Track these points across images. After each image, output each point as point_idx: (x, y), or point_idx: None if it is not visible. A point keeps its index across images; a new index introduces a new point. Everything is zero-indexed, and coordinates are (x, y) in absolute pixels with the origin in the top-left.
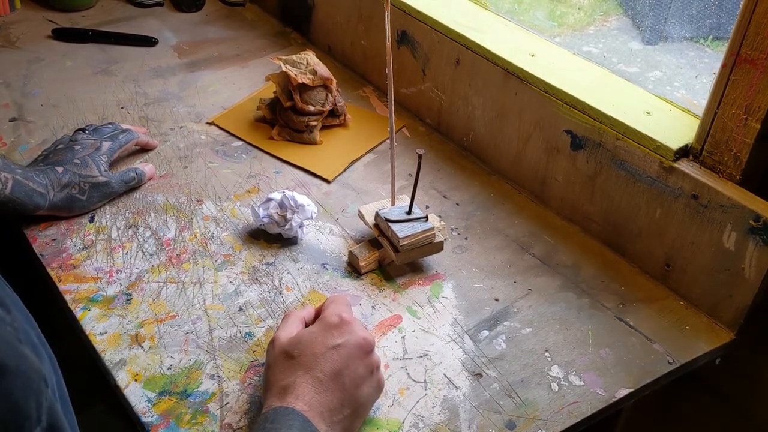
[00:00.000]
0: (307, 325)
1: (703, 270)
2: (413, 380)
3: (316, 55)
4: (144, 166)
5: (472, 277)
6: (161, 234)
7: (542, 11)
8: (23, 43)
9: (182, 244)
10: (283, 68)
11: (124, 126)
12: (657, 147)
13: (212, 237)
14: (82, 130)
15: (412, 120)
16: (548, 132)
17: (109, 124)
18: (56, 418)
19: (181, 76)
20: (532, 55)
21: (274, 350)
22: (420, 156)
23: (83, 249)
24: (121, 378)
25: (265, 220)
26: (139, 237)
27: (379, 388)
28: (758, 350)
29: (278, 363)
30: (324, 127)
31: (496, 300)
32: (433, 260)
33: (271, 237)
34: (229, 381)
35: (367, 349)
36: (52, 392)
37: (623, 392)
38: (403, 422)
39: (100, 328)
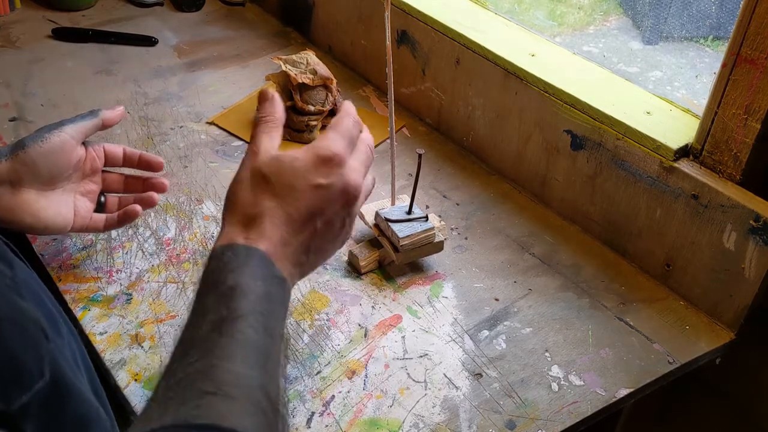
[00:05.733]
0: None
1: (703, 270)
2: (413, 380)
3: (316, 55)
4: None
5: (472, 277)
6: (161, 234)
7: (542, 11)
8: (23, 43)
9: (182, 243)
10: (283, 68)
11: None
12: (657, 147)
13: (212, 237)
14: None
15: (412, 120)
16: (548, 132)
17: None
18: (62, 376)
19: (181, 76)
20: (532, 55)
21: (252, 164)
22: (420, 156)
23: (83, 249)
24: (121, 378)
25: None
26: (139, 237)
27: (344, 240)
28: (758, 350)
29: (252, 182)
30: (324, 127)
31: (496, 300)
32: (433, 260)
33: None
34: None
35: (350, 198)
36: (70, 360)
37: (623, 392)
38: (403, 422)
39: (100, 328)
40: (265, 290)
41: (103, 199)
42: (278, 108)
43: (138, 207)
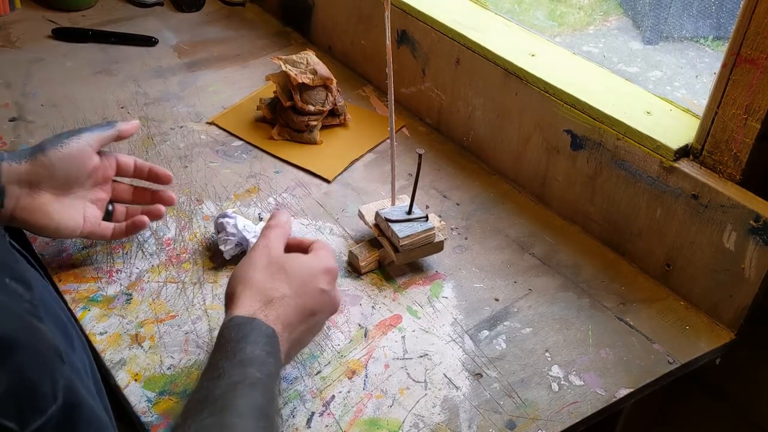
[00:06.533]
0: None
1: (704, 270)
2: (413, 380)
3: (316, 55)
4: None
5: (472, 277)
6: (161, 234)
7: (542, 11)
8: (23, 43)
9: (182, 243)
10: (283, 68)
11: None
12: (657, 147)
13: (212, 237)
14: None
15: (412, 120)
16: (548, 132)
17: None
18: (75, 396)
19: (181, 76)
20: (532, 55)
21: (268, 253)
22: (420, 156)
23: (83, 249)
24: (121, 378)
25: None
26: (139, 237)
27: (314, 337)
28: (758, 350)
29: (270, 269)
30: (324, 127)
31: (496, 300)
32: (433, 260)
33: None
34: None
35: (334, 309)
36: (81, 372)
37: (623, 392)
38: (403, 422)
39: (100, 328)
40: (274, 366)
41: (111, 207)
42: (290, 221)
43: (145, 218)
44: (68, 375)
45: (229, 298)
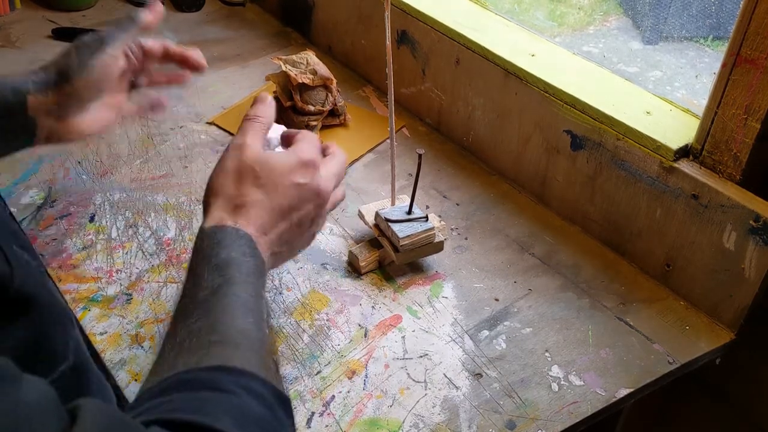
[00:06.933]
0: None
1: (703, 270)
2: (413, 380)
3: (316, 55)
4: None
5: (472, 277)
6: (161, 234)
7: (542, 11)
8: (23, 43)
9: (182, 243)
10: (283, 68)
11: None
12: (657, 147)
13: None
14: None
15: (412, 120)
16: (548, 132)
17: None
18: (83, 360)
19: None
20: (532, 55)
21: (241, 157)
22: (420, 156)
23: (83, 249)
24: (121, 378)
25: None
26: (139, 237)
27: (311, 239)
28: (758, 350)
29: (239, 174)
30: (324, 127)
31: (496, 300)
32: (433, 260)
33: None
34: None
35: (321, 199)
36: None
37: (623, 392)
38: (403, 422)
39: (100, 328)
40: (254, 264)
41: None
42: (271, 112)
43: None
44: (78, 338)
45: (204, 209)
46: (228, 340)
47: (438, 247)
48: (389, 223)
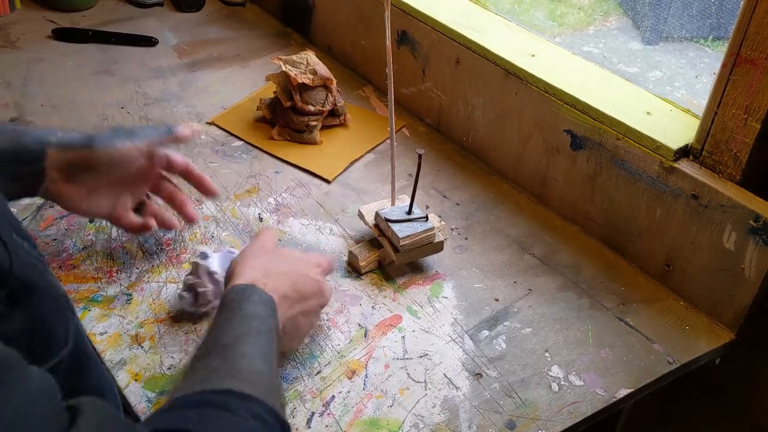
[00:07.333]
0: None
1: (703, 270)
2: (413, 380)
3: (316, 55)
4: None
5: (472, 277)
6: (161, 234)
7: (542, 11)
8: (23, 43)
9: (182, 244)
10: (283, 68)
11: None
12: (657, 147)
13: (212, 237)
14: None
15: (412, 120)
16: (548, 132)
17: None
18: (83, 346)
19: (181, 76)
20: (532, 55)
21: (262, 246)
22: (420, 156)
23: (83, 249)
24: (121, 378)
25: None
26: (139, 237)
27: (305, 335)
28: (758, 350)
29: (268, 253)
30: (324, 127)
31: (496, 300)
32: (433, 260)
33: None
34: None
35: (323, 301)
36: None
37: (623, 392)
38: (403, 422)
39: (100, 328)
40: (274, 324)
41: (146, 197)
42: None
43: (176, 222)
44: (78, 324)
45: (228, 278)
46: (243, 377)
47: (438, 247)
48: (389, 223)
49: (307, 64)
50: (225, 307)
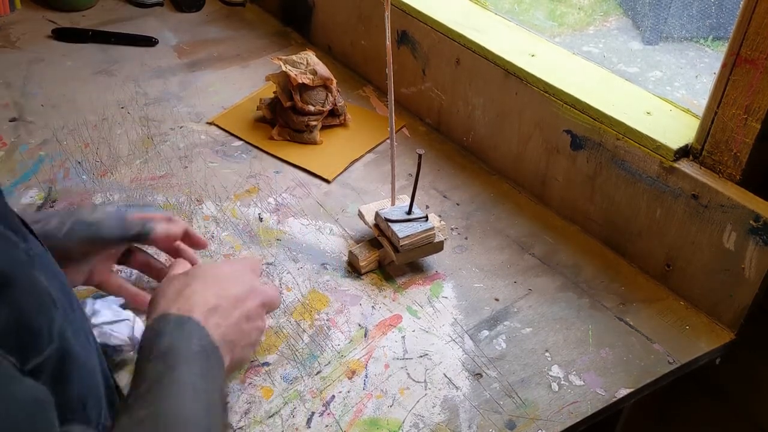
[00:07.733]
0: None
1: (703, 270)
2: (413, 380)
3: (316, 55)
4: (160, 221)
5: (472, 277)
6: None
7: (542, 11)
8: (23, 43)
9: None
10: (283, 68)
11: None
12: (657, 147)
13: (212, 237)
14: None
15: (412, 120)
16: (548, 132)
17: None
18: (68, 344)
19: (181, 76)
20: (532, 55)
21: (179, 269)
22: (420, 156)
23: None
24: (121, 378)
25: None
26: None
27: (257, 340)
28: (758, 350)
29: (179, 276)
30: (324, 127)
31: (496, 300)
32: (433, 260)
33: (271, 236)
34: (229, 381)
35: (266, 299)
36: (80, 333)
37: (623, 392)
38: (403, 422)
39: None
40: (200, 346)
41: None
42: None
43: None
44: (61, 321)
45: (147, 315)
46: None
47: (438, 247)
48: (389, 223)
49: (307, 64)
50: (141, 350)
